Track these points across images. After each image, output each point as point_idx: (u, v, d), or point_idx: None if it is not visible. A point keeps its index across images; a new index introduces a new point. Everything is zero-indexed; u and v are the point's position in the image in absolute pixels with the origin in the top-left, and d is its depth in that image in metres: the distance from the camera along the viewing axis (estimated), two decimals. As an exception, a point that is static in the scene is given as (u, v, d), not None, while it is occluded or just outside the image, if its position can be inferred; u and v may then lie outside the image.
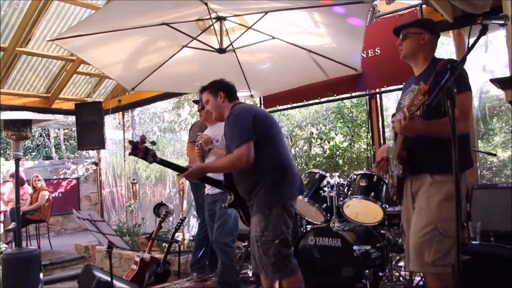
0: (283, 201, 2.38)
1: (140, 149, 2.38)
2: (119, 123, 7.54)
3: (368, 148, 5.18)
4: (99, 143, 6.41)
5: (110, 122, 7.57)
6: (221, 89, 2.60)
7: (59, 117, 7.87)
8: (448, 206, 1.83)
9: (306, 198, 3.33)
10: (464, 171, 2.05)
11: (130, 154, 2.40)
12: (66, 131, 13.88)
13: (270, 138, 2.44)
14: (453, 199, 1.46)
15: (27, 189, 6.97)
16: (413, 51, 2.14)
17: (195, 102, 3.94)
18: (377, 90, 4.32)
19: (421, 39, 2.12)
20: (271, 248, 2.31)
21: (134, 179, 7.12)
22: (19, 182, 3.94)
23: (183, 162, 6.41)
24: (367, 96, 4.62)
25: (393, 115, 2.27)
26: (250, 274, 3.90)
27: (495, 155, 4.84)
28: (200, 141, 3.27)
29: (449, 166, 1.46)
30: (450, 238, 1.84)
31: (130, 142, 2.37)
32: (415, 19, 2.19)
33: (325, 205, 3.35)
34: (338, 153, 5.88)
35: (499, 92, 4.15)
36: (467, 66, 3.57)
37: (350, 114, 6.36)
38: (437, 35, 2.19)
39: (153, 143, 2.58)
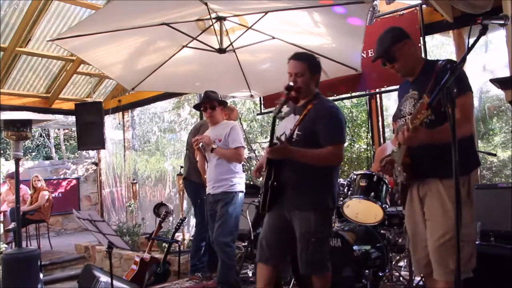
0: (335, 204, 2.47)
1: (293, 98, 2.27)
2: (119, 123, 7.54)
3: (368, 148, 5.19)
4: (99, 143, 6.41)
5: (110, 122, 7.57)
6: (318, 72, 2.47)
7: (59, 117, 7.87)
8: (464, 212, 1.83)
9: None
10: (471, 172, 2.04)
11: (284, 97, 2.27)
12: (66, 131, 13.87)
13: None
14: (467, 203, 1.46)
15: (25, 190, 6.97)
16: (410, 65, 2.12)
17: (195, 107, 3.94)
18: (377, 90, 4.32)
19: (407, 48, 2.10)
20: (326, 245, 2.39)
21: (134, 179, 7.12)
22: (19, 182, 3.94)
23: (183, 162, 6.41)
24: (367, 96, 4.62)
25: (394, 120, 2.26)
26: (250, 274, 3.91)
27: (495, 155, 4.84)
28: (201, 143, 3.28)
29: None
30: (470, 244, 1.88)
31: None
32: (390, 36, 2.14)
33: (325, 205, 3.35)
34: (338, 153, 5.88)
35: (499, 92, 4.16)
36: (467, 66, 3.59)
37: (350, 114, 6.37)
38: (410, 37, 2.17)
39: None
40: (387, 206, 3.11)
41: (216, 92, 3.60)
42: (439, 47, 5.67)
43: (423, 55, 3.65)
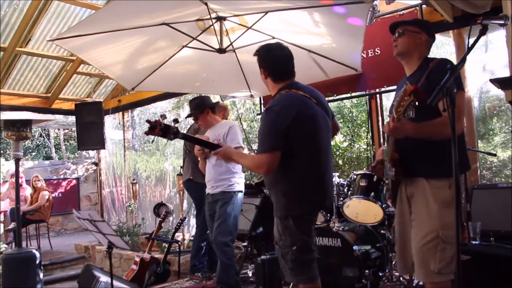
0: (298, 213, 2.20)
1: (156, 131, 2.23)
2: (119, 123, 7.54)
3: (368, 148, 5.19)
4: (99, 143, 6.41)
5: (110, 122, 7.56)
6: (263, 66, 2.31)
7: (59, 117, 7.87)
8: (448, 213, 1.81)
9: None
10: (461, 174, 2.04)
11: (147, 133, 2.24)
12: (66, 131, 13.88)
13: (307, 144, 2.17)
14: (453, 205, 1.45)
15: (25, 189, 6.97)
16: (408, 49, 2.11)
17: (188, 117, 3.96)
18: (377, 90, 4.32)
19: (418, 38, 2.10)
20: (289, 254, 2.19)
21: (134, 179, 7.12)
22: (19, 182, 3.94)
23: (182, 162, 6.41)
24: (367, 96, 4.62)
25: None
26: (250, 274, 3.91)
27: (495, 155, 4.84)
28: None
29: (445, 170, 1.45)
30: (453, 245, 1.84)
31: (147, 121, 2.23)
32: (414, 18, 2.15)
33: (325, 205, 3.35)
34: (338, 153, 5.88)
35: (499, 92, 4.16)
36: (467, 66, 3.59)
37: (350, 114, 6.37)
38: (433, 37, 2.17)
39: (176, 121, 2.47)
40: (387, 206, 3.11)
41: (201, 97, 3.67)
42: (439, 47, 5.66)
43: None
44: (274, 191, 2.26)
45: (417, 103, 1.54)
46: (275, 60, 2.29)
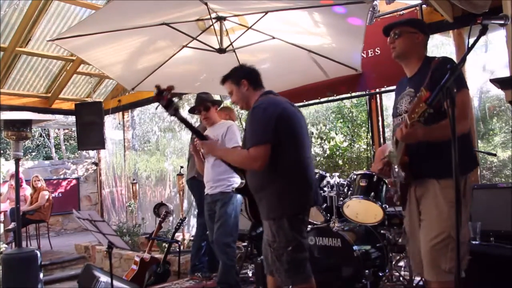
0: (292, 212, 2.21)
1: (164, 98, 2.26)
2: (119, 123, 7.54)
3: (368, 148, 5.19)
4: (99, 143, 6.41)
5: (110, 122, 7.56)
6: (243, 76, 2.40)
7: (59, 117, 7.88)
8: None
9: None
10: (469, 172, 2.01)
11: (154, 98, 2.28)
12: (66, 131, 13.87)
13: (294, 139, 2.25)
14: (462, 204, 1.45)
15: (25, 189, 6.97)
16: (407, 50, 2.10)
17: (190, 111, 3.95)
18: (377, 90, 4.32)
19: (415, 38, 2.09)
20: (284, 255, 2.19)
21: (134, 179, 7.12)
22: (19, 182, 3.94)
23: (183, 162, 6.41)
24: (367, 96, 4.63)
25: (393, 120, 2.26)
26: (250, 274, 3.91)
27: (495, 155, 4.84)
28: (196, 142, 3.28)
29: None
30: (463, 244, 1.84)
31: (157, 86, 2.26)
32: (407, 18, 2.12)
33: (325, 205, 3.35)
34: (338, 153, 5.89)
35: (499, 92, 4.15)
36: (467, 66, 3.60)
37: (350, 114, 6.38)
38: (428, 35, 2.16)
39: (180, 97, 2.50)
40: (387, 206, 3.11)
41: (208, 93, 3.63)
42: (439, 47, 5.66)
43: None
44: (264, 193, 2.25)
45: (431, 111, 1.53)
46: (251, 70, 2.47)
